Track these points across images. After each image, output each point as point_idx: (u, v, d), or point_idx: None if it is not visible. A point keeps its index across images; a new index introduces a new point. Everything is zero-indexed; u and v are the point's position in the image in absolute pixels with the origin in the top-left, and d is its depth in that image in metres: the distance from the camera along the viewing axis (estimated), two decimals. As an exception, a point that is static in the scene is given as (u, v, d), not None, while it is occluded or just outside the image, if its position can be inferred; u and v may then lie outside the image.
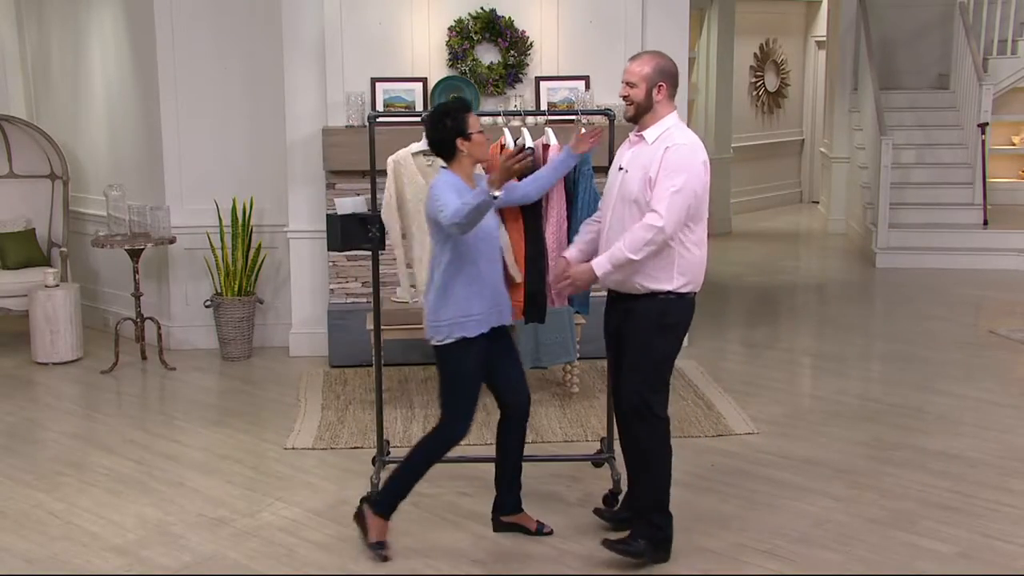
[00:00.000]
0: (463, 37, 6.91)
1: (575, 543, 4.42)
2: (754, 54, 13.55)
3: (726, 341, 7.74)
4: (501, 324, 4.35)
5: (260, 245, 7.29)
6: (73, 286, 7.38)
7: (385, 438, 5.20)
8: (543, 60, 7.04)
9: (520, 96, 6.96)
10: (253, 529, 4.65)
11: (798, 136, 14.59)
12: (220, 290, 7.26)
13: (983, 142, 10.48)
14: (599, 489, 4.91)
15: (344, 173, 6.86)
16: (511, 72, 6.97)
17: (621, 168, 4.24)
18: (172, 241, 7.20)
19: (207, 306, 7.31)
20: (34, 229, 7.87)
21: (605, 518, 4.61)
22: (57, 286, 7.22)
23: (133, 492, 5.08)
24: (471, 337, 4.23)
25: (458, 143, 4.18)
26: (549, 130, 5.01)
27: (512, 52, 6.94)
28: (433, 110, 4.29)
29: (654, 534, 4.27)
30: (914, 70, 11.78)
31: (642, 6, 7.05)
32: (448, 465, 4.68)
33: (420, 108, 6.82)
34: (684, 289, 4.18)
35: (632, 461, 4.36)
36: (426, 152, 5.00)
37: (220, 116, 7.34)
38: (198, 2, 7.22)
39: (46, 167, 8.03)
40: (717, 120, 11.91)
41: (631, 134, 4.27)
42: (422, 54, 6.97)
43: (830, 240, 11.84)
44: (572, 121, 6.40)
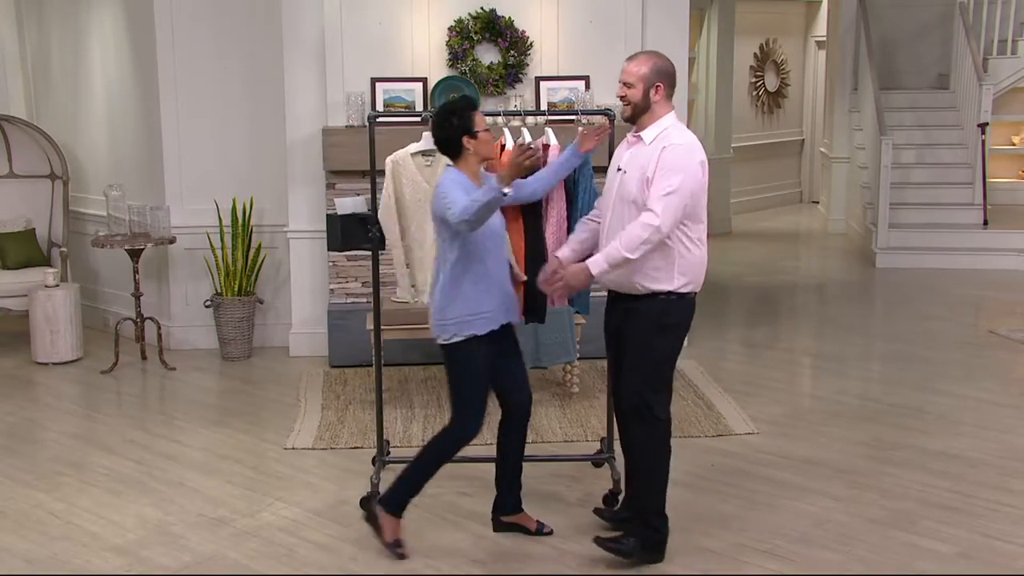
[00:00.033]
0: (463, 37, 6.91)
1: (575, 543, 4.42)
2: (754, 54, 13.55)
3: (726, 341, 7.74)
4: (510, 322, 4.36)
5: (260, 245, 7.29)
6: (73, 286, 7.38)
7: (385, 438, 5.20)
8: (543, 60, 7.04)
9: (520, 96, 6.96)
10: (253, 529, 4.65)
11: (798, 136, 14.59)
12: (220, 290, 7.26)
13: (983, 142, 10.47)
14: (599, 489, 4.91)
15: (344, 173, 6.86)
16: (511, 72, 6.97)
17: (620, 169, 4.23)
18: (172, 241, 7.20)
19: (207, 306, 7.31)
20: (34, 229, 7.87)
21: (605, 518, 4.61)
22: (57, 286, 7.22)
23: (133, 492, 5.08)
24: (481, 335, 4.23)
25: (464, 141, 4.18)
26: (549, 130, 5.01)
27: (512, 52, 6.94)
28: (439, 108, 4.29)
29: (648, 535, 4.27)
30: (914, 70, 11.77)
31: (642, 6, 7.05)
32: (448, 465, 4.66)
33: (420, 108, 6.82)
34: (685, 289, 4.17)
35: (631, 461, 4.36)
36: (425, 152, 5.00)
37: (220, 116, 7.34)
38: (198, 2, 7.22)
39: (46, 167, 8.03)
40: (717, 120, 11.91)
41: (629, 135, 4.27)
42: (422, 54, 6.97)
43: (830, 240, 11.84)
44: (572, 121, 6.43)
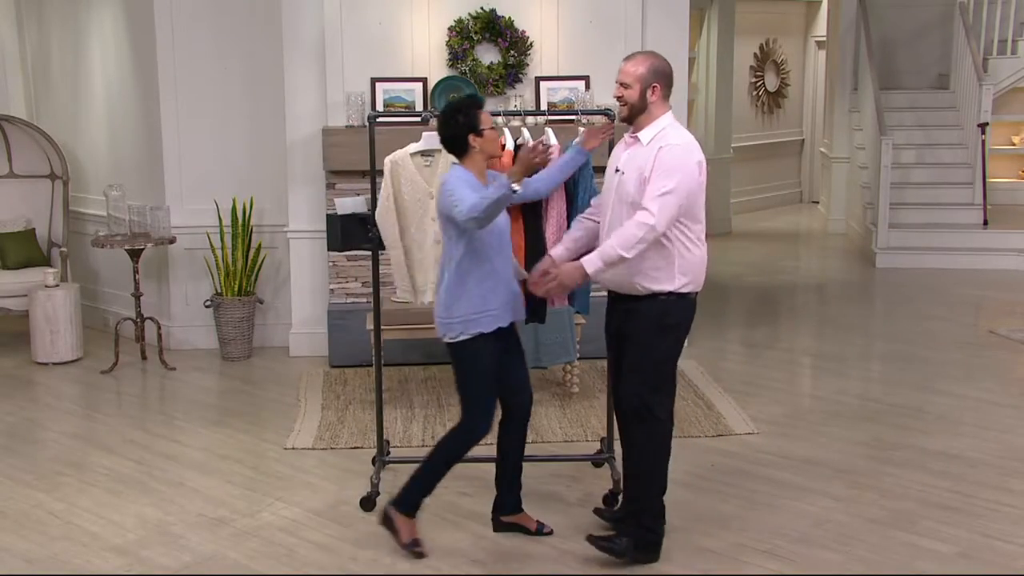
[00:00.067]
0: (463, 37, 6.91)
1: (575, 543, 4.41)
2: (754, 54, 13.54)
3: (726, 341, 7.74)
4: (516, 320, 4.37)
5: (260, 245, 7.29)
6: (73, 286, 7.38)
7: (385, 438, 5.20)
8: (543, 60, 7.04)
9: (520, 96, 6.95)
10: (253, 529, 4.65)
11: (798, 136, 14.58)
12: (220, 290, 7.26)
13: (983, 142, 10.48)
14: (599, 489, 4.91)
15: (344, 173, 6.86)
16: (511, 72, 6.97)
17: (618, 170, 4.23)
18: (172, 241, 7.20)
19: (207, 306, 7.31)
20: (34, 229, 7.87)
21: (605, 518, 4.61)
22: (57, 286, 7.22)
23: (133, 492, 5.08)
24: (487, 332, 4.23)
25: (470, 139, 4.19)
26: (549, 130, 5.02)
27: (512, 52, 6.94)
28: (445, 107, 4.30)
29: (641, 535, 4.27)
30: (914, 70, 11.77)
31: (642, 6, 7.05)
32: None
33: (420, 108, 6.82)
34: (685, 289, 4.17)
35: (630, 461, 4.35)
36: (424, 152, 5.00)
37: (220, 116, 7.34)
38: (198, 2, 7.22)
39: (46, 167, 8.03)
40: (717, 120, 11.91)
41: (626, 135, 4.26)
42: (422, 54, 6.97)
43: (830, 240, 11.84)
44: (572, 121, 6.43)
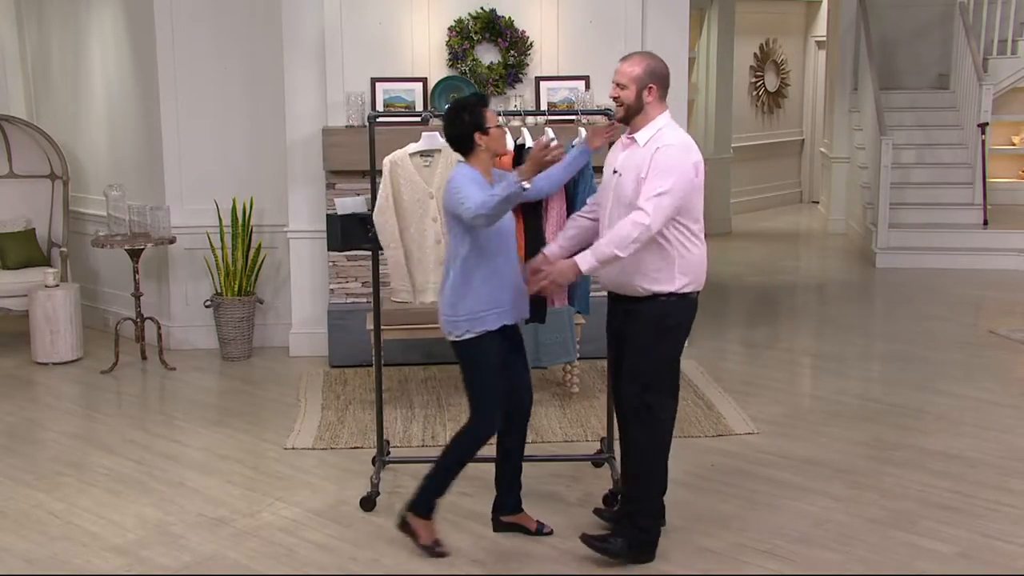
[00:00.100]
0: (463, 37, 6.91)
1: (575, 543, 4.41)
2: (754, 54, 13.54)
3: (726, 341, 7.74)
4: (521, 318, 4.38)
5: (260, 245, 7.29)
6: (73, 286, 7.38)
7: (385, 438, 5.21)
8: (543, 60, 7.04)
9: (520, 96, 6.96)
10: (253, 529, 4.65)
11: (798, 136, 14.58)
12: (220, 290, 7.26)
13: (983, 142, 10.48)
14: (599, 489, 4.91)
15: (344, 173, 6.86)
16: (511, 72, 6.97)
17: (615, 172, 4.22)
18: (172, 241, 7.20)
19: (207, 306, 7.31)
20: (34, 229, 7.87)
21: (605, 518, 4.61)
22: (57, 286, 7.22)
23: (133, 492, 5.08)
24: (493, 330, 4.24)
25: (476, 137, 4.19)
26: (549, 130, 5.01)
27: (512, 52, 6.94)
28: (451, 105, 4.30)
29: (635, 535, 4.27)
30: (914, 70, 11.77)
31: (642, 6, 7.05)
32: (448, 465, 4.68)
33: (420, 108, 6.82)
34: (686, 289, 4.17)
35: (630, 462, 4.35)
36: (423, 152, 5.00)
37: (220, 116, 7.34)
38: (198, 2, 7.22)
39: (46, 167, 8.03)
40: (717, 120, 11.91)
41: (623, 136, 4.26)
42: (422, 54, 6.97)
43: (830, 240, 11.83)
44: (572, 121, 6.43)
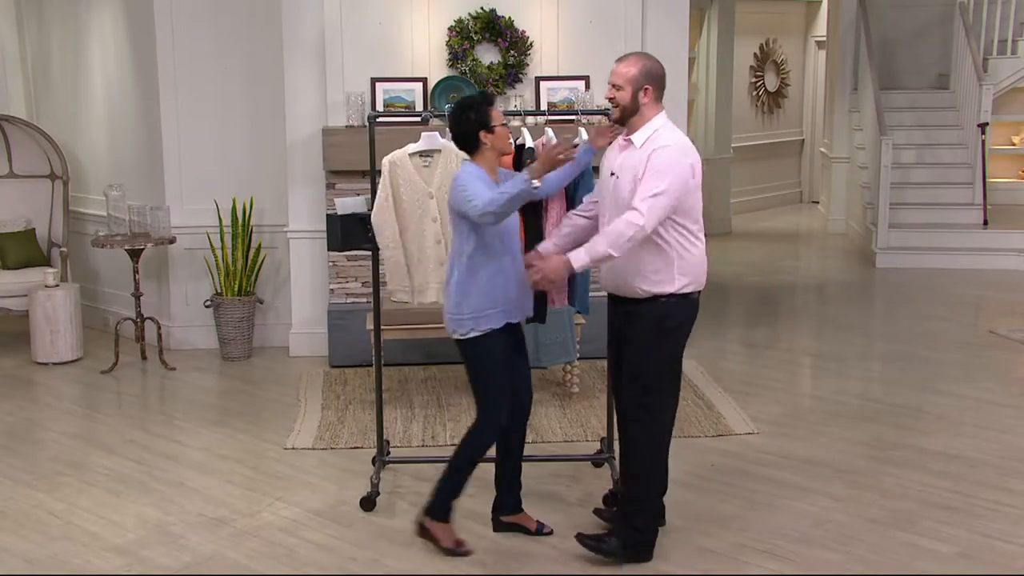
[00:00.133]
0: (463, 37, 6.91)
1: (575, 543, 4.41)
2: (754, 54, 13.54)
3: (726, 341, 7.73)
4: (525, 316, 4.38)
5: (260, 245, 7.29)
6: (73, 286, 7.38)
7: (385, 438, 5.21)
8: (543, 60, 7.04)
9: (520, 96, 6.96)
10: (253, 529, 4.65)
11: (798, 136, 14.58)
12: (220, 290, 7.26)
13: (983, 142, 10.47)
14: (599, 489, 4.91)
15: (344, 173, 6.86)
16: (511, 72, 6.97)
17: (613, 174, 4.22)
18: (172, 241, 7.20)
19: (207, 306, 7.31)
20: (34, 229, 7.87)
21: (605, 518, 4.61)
22: (57, 286, 7.22)
23: (133, 492, 5.08)
24: (498, 328, 4.24)
25: (481, 136, 4.20)
26: (549, 130, 5.01)
27: (512, 52, 6.94)
28: (457, 103, 4.31)
29: (630, 535, 4.27)
30: (914, 70, 11.77)
31: (642, 6, 7.05)
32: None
33: (420, 108, 6.82)
34: (687, 289, 4.17)
35: (629, 462, 4.35)
36: (423, 153, 5.00)
37: (220, 116, 7.34)
38: (198, 2, 7.22)
39: (46, 167, 8.03)
40: (717, 120, 11.91)
41: (620, 138, 4.26)
42: (422, 54, 6.97)
43: (830, 240, 11.83)
44: (572, 121, 6.43)
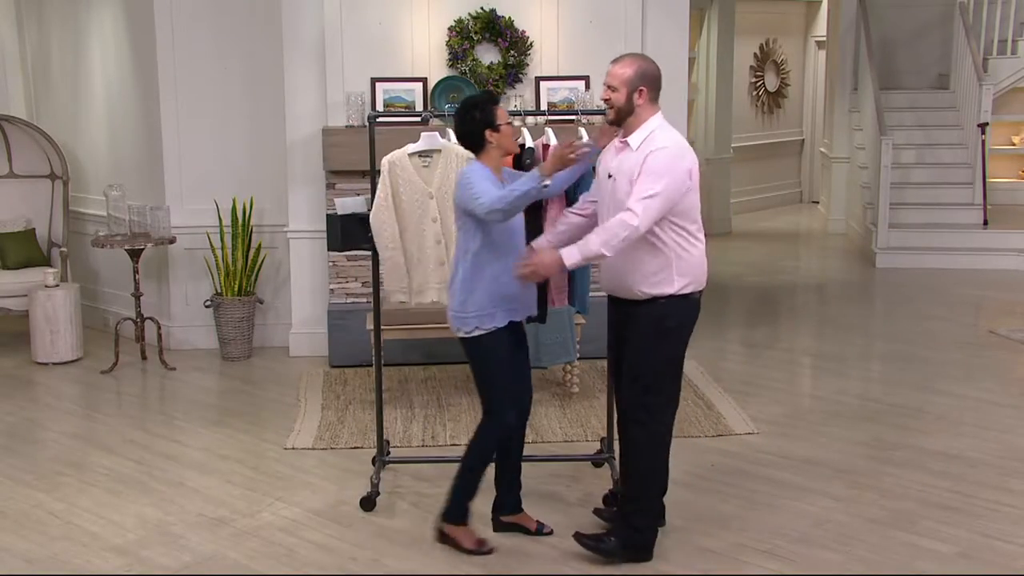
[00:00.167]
0: (463, 37, 6.91)
1: (575, 543, 4.41)
2: (754, 54, 13.54)
3: (726, 341, 7.73)
4: (528, 315, 4.39)
5: (260, 245, 7.29)
6: (73, 286, 7.38)
7: (385, 438, 5.21)
8: (543, 60, 7.04)
9: (520, 96, 6.95)
10: (253, 529, 4.65)
11: (798, 136, 14.58)
12: (220, 290, 7.26)
13: (983, 142, 10.47)
14: (599, 489, 4.91)
15: (344, 173, 6.86)
16: (511, 72, 6.97)
17: (610, 176, 4.22)
18: (172, 241, 7.20)
19: (207, 306, 7.31)
20: (34, 229, 7.87)
21: (605, 518, 4.61)
22: (57, 286, 7.22)
23: (133, 492, 5.08)
24: (502, 326, 4.25)
25: (487, 134, 4.21)
26: (549, 130, 5.02)
27: (512, 52, 6.94)
28: (462, 103, 4.32)
29: (629, 535, 4.27)
30: (914, 70, 11.77)
31: (642, 6, 7.05)
32: (449, 465, 4.68)
33: (420, 108, 6.82)
34: (687, 290, 4.16)
35: (629, 463, 4.35)
36: (423, 153, 5.00)
37: (220, 116, 7.34)
38: (198, 2, 7.22)
39: (46, 167, 8.03)
40: (717, 120, 11.91)
41: (616, 140, 4.25)
42: (422, 54, 6.97)
43: (830, 240, 11.83)
44: (572, 121, 6.43)
